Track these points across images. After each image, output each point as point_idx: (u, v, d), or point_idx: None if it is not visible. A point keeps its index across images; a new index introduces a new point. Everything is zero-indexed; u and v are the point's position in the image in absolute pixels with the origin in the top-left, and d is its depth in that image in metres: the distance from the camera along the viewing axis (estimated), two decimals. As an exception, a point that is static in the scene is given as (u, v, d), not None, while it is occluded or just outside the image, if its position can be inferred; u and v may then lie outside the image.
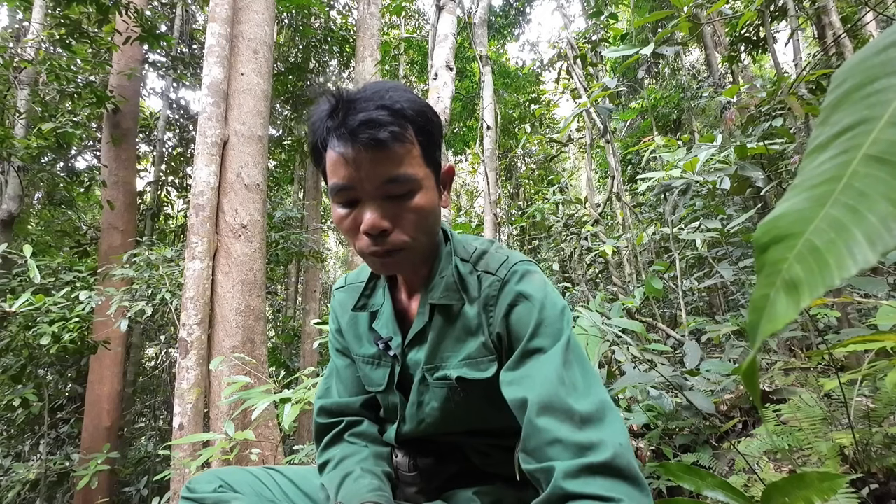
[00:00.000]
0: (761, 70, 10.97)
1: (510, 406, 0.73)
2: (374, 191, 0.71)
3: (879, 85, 0.29)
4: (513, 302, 0.76)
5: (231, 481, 0.85)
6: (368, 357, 0.90)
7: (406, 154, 0.71)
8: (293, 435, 7.33)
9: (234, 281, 3.95)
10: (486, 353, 0.79)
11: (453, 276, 0.82)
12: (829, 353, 1.50)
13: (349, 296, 0.94)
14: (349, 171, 0.70)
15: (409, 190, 0.72)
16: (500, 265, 0.81)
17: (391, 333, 0.86)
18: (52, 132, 5.19)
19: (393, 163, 0.70)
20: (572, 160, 12.45)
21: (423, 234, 0.76)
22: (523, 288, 0.77)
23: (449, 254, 0.84)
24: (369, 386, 0.91)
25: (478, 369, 0.78)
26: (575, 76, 5.15)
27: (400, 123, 0.70)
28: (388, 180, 0.70)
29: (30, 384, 4.70)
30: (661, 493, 1.85)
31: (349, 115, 0.69)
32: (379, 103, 0.69)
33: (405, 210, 0.73)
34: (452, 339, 0.81)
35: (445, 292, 0.81)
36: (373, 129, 0.68)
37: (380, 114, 0.68)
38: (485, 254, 0.84)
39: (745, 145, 2.64)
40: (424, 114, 0.74)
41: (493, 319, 0.78)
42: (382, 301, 0.88)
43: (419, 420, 0.85)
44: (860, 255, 0.25)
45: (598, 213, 5.03)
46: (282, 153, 10.37)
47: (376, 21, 6.24)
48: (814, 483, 0.75)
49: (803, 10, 4.37)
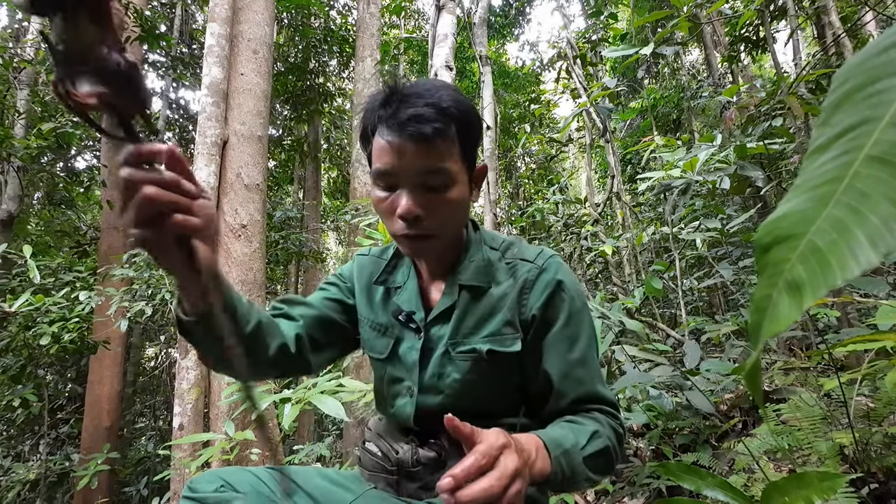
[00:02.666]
0: (761, 70, 10.98)
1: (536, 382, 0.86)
2: (412, 179, 0.78)
3: (881, 85, 0.29)
4: (553, 290, 0.85)
5: (232, 481, 0.85)
6: (377, 324, 0.95)
7: (446, 149, 0.78)
8: (293, 435, 7.33)
9: (234, 281, 3.95)
10: (512, 330, 0.86)
11: (483, 261, 0.90)
12: (829, 353, 1.50)
13: (372, 264, 1.01)
14: (393, 158, 0.77)
15: (444, 183, 0.79)
16: (538, 255, 0.90)
17: (414, 308, 0.91)
18: (52, 132, 5.19)
19: (433, 156, 0.77)
20: (572, 160, 12.45)
21: (452, 225, 0.84)
22: (563, 278, 0.87)
23: (479, 241, 0.93)
24: (370, 351, 0.96)
25: (503, 345, 0.85)
26: (575, 76, 5.16)
27: (444, 121, 0.76)
28: (426, 171, 0.77)
29: (30, 384, 4.70)
30: (661, 492, 1.85)
31: (400, 109, 0.76)
32: (429, 101, 0.76)
33: (439, 201, 0.80)
34: (476, 318, 0.87)
35: (475, 274, 0.89)
36: (420, 123, 0.74)
37: (427, 110, 0.75)
38: (513, 244, 0.93)
39: (744, 145, 2.64)
40: (468, 115, 0.81)
41: (529, 302, 0.86)
42: (406, 279, 0.95)
43: (438, 391, 0.88)
44: (862, 255, 0.25)
45: (598, 213, 5.03)
46: (282, 153, 10.36)
47: (376, 21, 6.24)
48: (813, 483, 0.76)
49: (803, 9, 4.37)
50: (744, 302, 3.58)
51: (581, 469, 0.74)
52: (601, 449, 0.78)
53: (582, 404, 0.84)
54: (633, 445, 2.27)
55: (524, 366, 0.87)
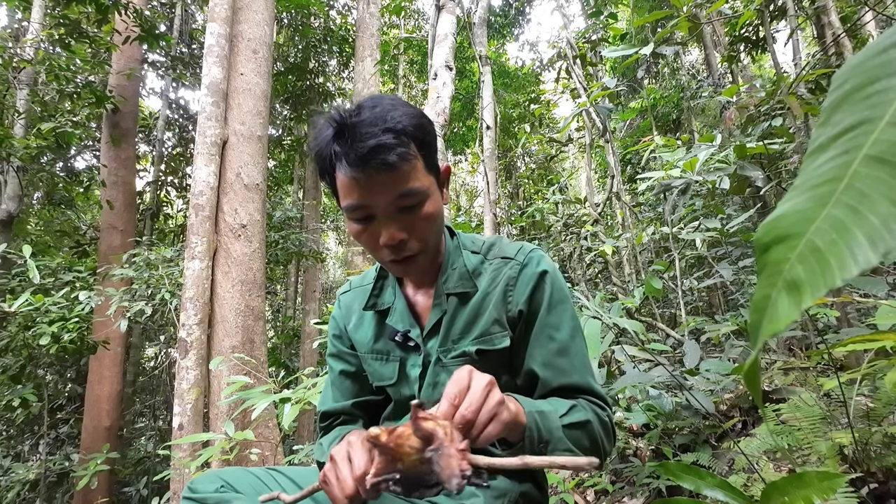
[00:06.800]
0: (761, 70, 10.98)
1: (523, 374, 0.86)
2: (387, 207, 0.77)
3: (880, 86, 0.29)
4: (536, 282, 0.87)
5: (232, 481, 0.85)
6: (377, 351, 0.95)
7: (412, 170, 0.77)
8: (293, 435, 7.33)
9: (234, 281, 3.95)
10: (500, 328, 0.87)
11: (465, 267, 0.91)
12: (829, 353, 1.50)
13: (356, 298, 1.01)
14: (362, 193, 0.76)
15: (418, 201, 0.79)
16: (518, 251, 0.91)
17: (408, 326, 0.91)
18: (52, 132, 5.18)
19: (402, 180, 0.76)
20: (572, 160, 12.45)
21: (433, 236, 0.84)
22: (546, 268, 0.88)
23: (457, 247, 0.93)
24: (378, 381, 0.96)
25: (492, 343, 0.87)
26: (574, 76, 5.16)
27: (404, 143, 0.75)
28: (399, 196, 0.77)
29: (29, 384, 4.70)
30: (660, 492, 1.86)
31: (356, 142, 0.74)
32: (383, 126, 0.74)
33: (417, 219, 0.80)
34: (464, 322, 0.88)
35: (459, 281, 0.90)
36: (382, 153, 0.73)
37: (386, 138, 0.73)
38: (494, 244, 0.94)
39: (744, 145, 2.64)
40: (422, 127, 0.80)
41: (514, 298, 0.87)
42: (393, 299, 0.95)
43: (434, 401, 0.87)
44: (861, 255, 0.25)
45: (598, 213, 5.03)
46: (281, 153, 10.36)
47: (376, 21, 6.24)
48: (813, 482, 0.76)
49: (803, 9, 4.37)
50: (743, 302, 3.58)
51: (559, 435, 0.74)
52: (581, 420, 0.78)
53: (565, 393, 0.84)
54: (633, 445, 2.27)
55: (514, 361, 0.89)
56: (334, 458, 0.70)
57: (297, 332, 10.03)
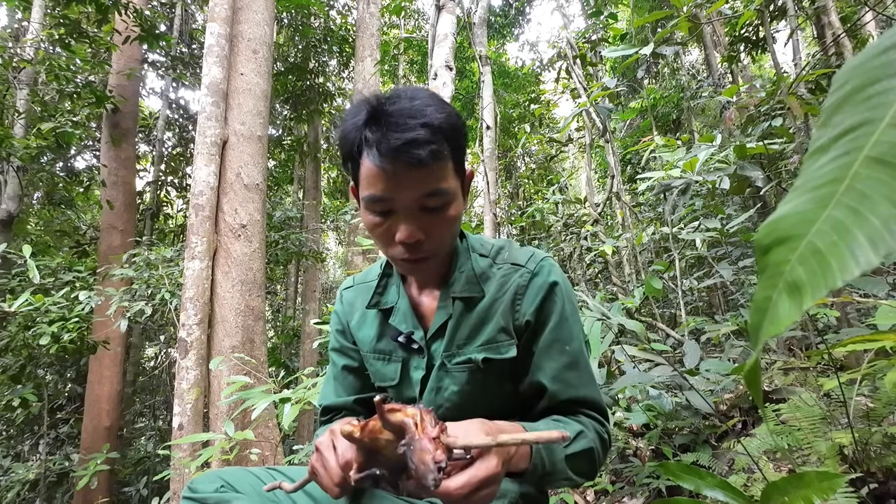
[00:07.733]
0: (761, 70, 10.98)
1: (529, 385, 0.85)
2: (410, 204, 0.75)
3: (880, 87, 0.29)
4: (546, 294, 0.85)
5: (232, 481, 0.85)
6: (380, 353, 0.93)
7: (441, 169, 0.75)
8: (293, 435, 7.33)
9: (234, 281, 3.95)
10: (506, 337, 0.85)
11: (472, 270, 0.88)
12: (829, 353, 1.50)
13: (359, 295, 0.98)
14: (388, 185, 0.73)
15: (443, 203, 0.77)
16: (529, 258, 0.89)
17: (412, 328, 0.89)
18: (52, 132, 5.18)
19: (431, 179, 0.74)
20: (572, 160, 12.44)
21: (449, 242, 0.83)
22: (556, 279, 0.86)
23: (466, 250, 0.91)
24: (380, 381, 0.94)
25: (498, 352, 0.85)
26: (574, 76, 5.16)
27: (438, 141, 0.72)
28: (425, 195, 0.74)
29: (29, 384, 4.70)
30: (660, 492, 1.86)
31: (390, 131, 0.70)
32: (421, 120, 0.71)
33: (439, 221, 0.78)
34: (469, 327, 0.86)
35: (466, 285, 0.87)
36: (415, 148, 0.70)
37: (421, 133, 0.70)
38: (503, 249, 0.92)
39: (744, 145, 2.64)
40: (458, 128, 0.77)
41: (523, 307, 0.85)
42: (397, 298, 0.93)
43: (437, 406, 0.88)
44: (862, 256, 0.25)
45: (598, 213, 5.03)
46: (281, 153, 10.35)
47: (376, 21, 6.24)
48: (813, 482, 0.76)
49: (803, 9, 4.37)
50: (743, 302, 3.58)
51: (562, 466, 0.75)
52: (584, 450, 0.79)
53: (571, 406, 0.84)
54: (633, 445, 2.27)
55: (518, 370, 0.87)
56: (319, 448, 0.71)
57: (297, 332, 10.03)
